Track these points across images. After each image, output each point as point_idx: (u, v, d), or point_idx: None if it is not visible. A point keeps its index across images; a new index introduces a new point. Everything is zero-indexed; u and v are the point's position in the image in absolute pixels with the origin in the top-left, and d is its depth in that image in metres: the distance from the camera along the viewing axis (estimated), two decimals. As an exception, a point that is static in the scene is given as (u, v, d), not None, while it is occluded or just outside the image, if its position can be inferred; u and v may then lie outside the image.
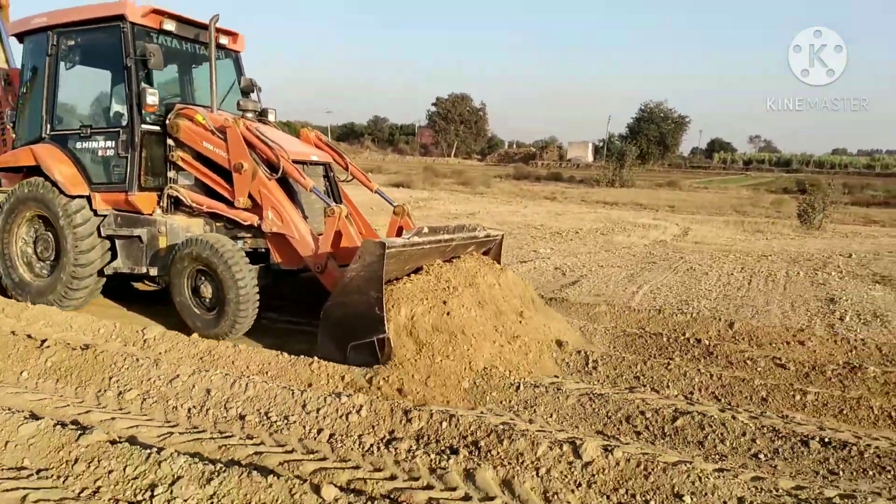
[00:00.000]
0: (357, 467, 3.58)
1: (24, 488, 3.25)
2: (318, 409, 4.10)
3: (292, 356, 5.13)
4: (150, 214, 6.36)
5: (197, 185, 6.52)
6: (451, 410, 4.16)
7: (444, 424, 3.90)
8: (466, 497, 3.31)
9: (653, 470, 3.39)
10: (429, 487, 3.39)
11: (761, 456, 3.97)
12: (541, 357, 5.47)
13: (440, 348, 4.93)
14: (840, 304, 8.33)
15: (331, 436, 3.90)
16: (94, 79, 7.09)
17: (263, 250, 6.23)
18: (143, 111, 6.24)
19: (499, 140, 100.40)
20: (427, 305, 5.15)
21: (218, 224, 6.46)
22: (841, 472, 3.80)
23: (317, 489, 3.08)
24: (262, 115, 7.19)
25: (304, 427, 3.98)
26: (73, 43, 6.73)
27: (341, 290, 5.17)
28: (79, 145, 6.65)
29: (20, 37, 7.17)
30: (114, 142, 6.42)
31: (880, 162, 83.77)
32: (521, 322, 5.74)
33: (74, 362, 4.84)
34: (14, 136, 7.23)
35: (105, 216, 6.53)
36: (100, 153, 6.53)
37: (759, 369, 5.65)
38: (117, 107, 6.67)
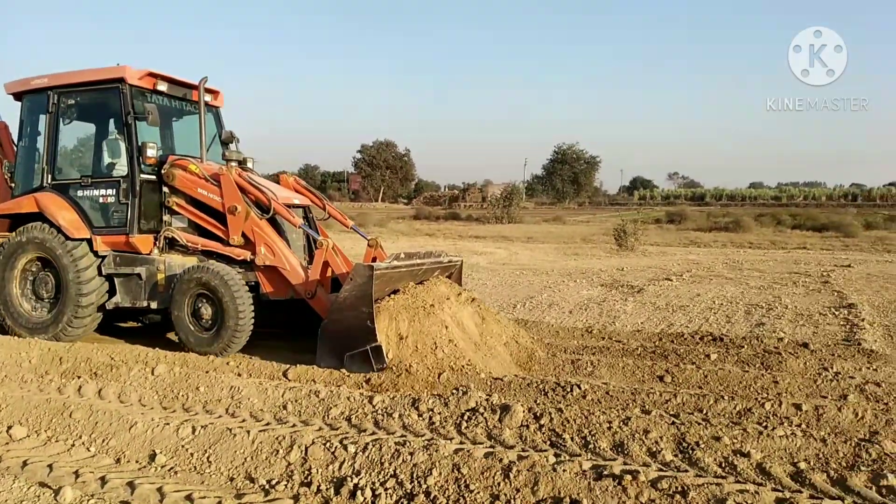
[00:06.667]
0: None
1: None
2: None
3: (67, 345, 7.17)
4: (149, 254, 7.14)
5: (190, 227, 7.31)
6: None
7: (83, 365, 5.92)
8: (71, 399, 5.29)
9: (191, 375, 5.52)
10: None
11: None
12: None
13: (421, 352, 5.90)
14: (535, 299, 10.73)
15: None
16: (91, 133, 8.00)
17: (253, 283, 6.93)
18: (144, 163, 7.07)
19: (426, 183, 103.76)
20: (408, 318, 6.10)
21: (211, 260, 7.06)
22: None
23: None
24: (241, 164, 7.72)
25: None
26: (72, 102, 7.48)
27: (336, 308, 6.12)
28: (80, 193, 7.32)
29: (18, 95, 7.78)
30: (114, 190, 7.17)
31: (786, 193, 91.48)
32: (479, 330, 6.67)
33: None
34: (12, 185, 7.86)
35: (104, 257, 7.22)
36: (100, 200, 7.25)
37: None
38: (112, 158, 7.42)
